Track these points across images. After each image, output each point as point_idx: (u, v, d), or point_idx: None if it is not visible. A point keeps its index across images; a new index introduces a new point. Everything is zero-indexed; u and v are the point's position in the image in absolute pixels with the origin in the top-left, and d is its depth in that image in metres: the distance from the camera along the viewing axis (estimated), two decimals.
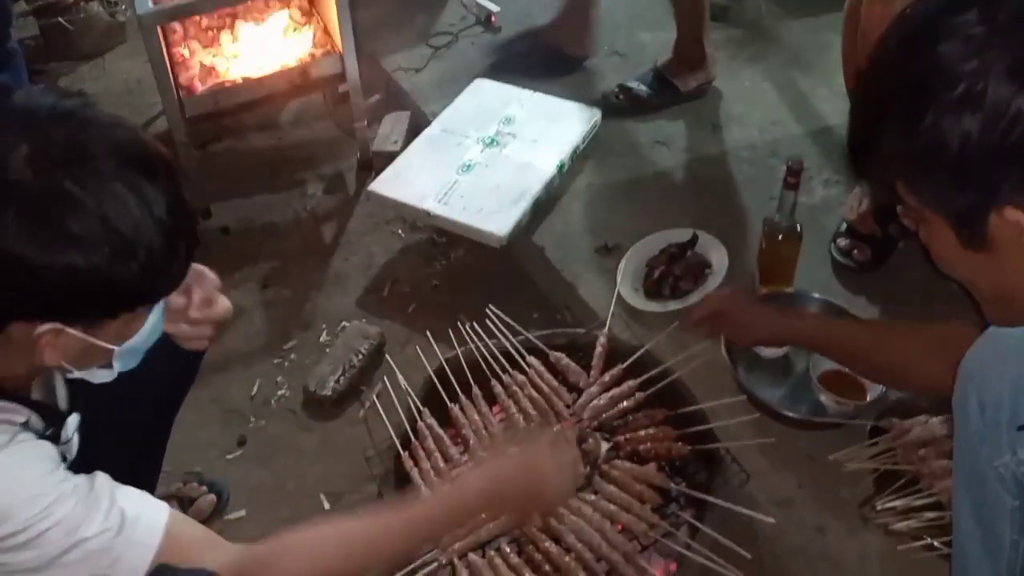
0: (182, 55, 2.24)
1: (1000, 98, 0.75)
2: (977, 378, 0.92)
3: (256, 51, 2.27)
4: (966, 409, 0.93)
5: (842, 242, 1.90)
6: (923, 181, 0.84)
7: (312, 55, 2.25)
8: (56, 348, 0.92)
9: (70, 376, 1.04)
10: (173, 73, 2.13)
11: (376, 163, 2.32)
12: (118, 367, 1.02)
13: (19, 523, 0.89)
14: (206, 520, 1.57)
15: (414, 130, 2.38)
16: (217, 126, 2.39)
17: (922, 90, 0.80)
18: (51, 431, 1.02)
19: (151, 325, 1.00)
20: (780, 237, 1.74)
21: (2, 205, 0.82)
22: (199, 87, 2.19)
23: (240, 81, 2.21)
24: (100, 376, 1.04)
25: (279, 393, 1.88)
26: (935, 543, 1.35)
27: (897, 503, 1.42)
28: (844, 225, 1.93)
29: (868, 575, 1.39)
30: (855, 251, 1.89)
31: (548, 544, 1.39)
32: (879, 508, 1.43)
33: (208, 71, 2.23)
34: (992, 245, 0.82)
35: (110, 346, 0.97)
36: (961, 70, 0.77)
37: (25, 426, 0.98)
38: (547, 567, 1.37)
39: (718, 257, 1.90)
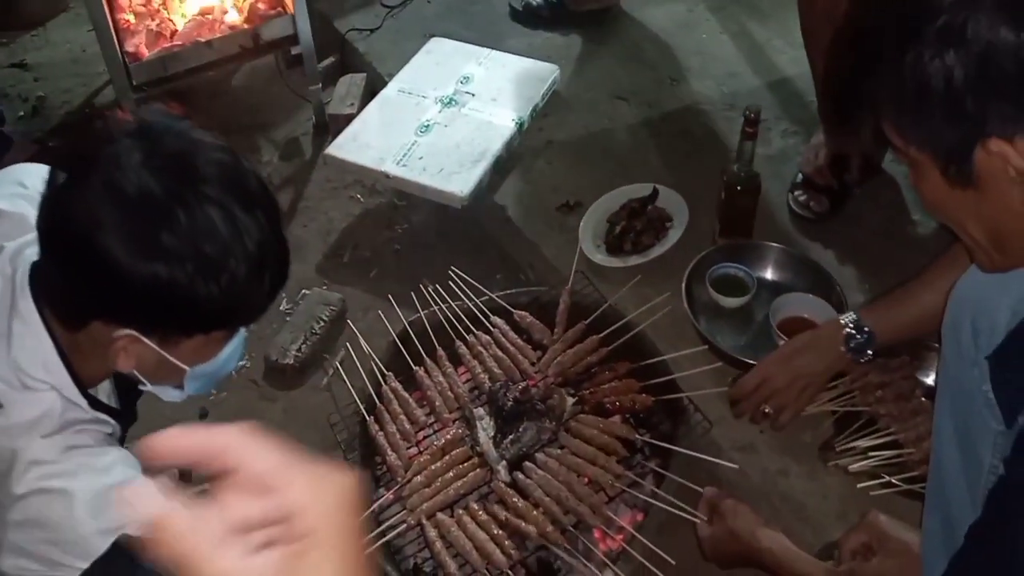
0: (127, 21, 2.17)
1: (980, 30, 0.75)
2: (972, 304, 0.92)
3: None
4: (958, 332, 0.94)
5: (799, 194, 1.91)
6: (908, 119, 0.83)
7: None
8: (130, 355, 0.95)
9: (142, 388, 1.06)
10: (119, 39, 2.07)
11: (332, 126, 2.29)
12: (188, 389, 1.05)
13: None
14: None
15: (370, 92, 2.34)
16: (166, 93, 2.33)
17: (905, 27, 0.79)
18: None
19: (227, 353, 1.03)
20: (739, 188, 1.74)
21: (109, 202, 0.85)
22: (146, 53, 2.13)
23: (189, 45, 2.15)
24: (171, 395, 1.07)
25: (240, 364, 1.86)
26: (893, 480, 1.38)
27: (856, 444, 1.45)
28: (800, 177, 1.93)
29: (829, 514, 1.42)
30: (812, 203, 1.89)
31: (515, 499, 1.40)
32: (839, 449, 1.46)
33: (156, 36, 2.17)
34: (978, 182, 0.81)
35: (183, 365, 0.99)
36: (941, 4, 0.76)
37: (112, 436, 1.02)
38: (515, 522, 1.38)
39: (679, 210, 1.90)
